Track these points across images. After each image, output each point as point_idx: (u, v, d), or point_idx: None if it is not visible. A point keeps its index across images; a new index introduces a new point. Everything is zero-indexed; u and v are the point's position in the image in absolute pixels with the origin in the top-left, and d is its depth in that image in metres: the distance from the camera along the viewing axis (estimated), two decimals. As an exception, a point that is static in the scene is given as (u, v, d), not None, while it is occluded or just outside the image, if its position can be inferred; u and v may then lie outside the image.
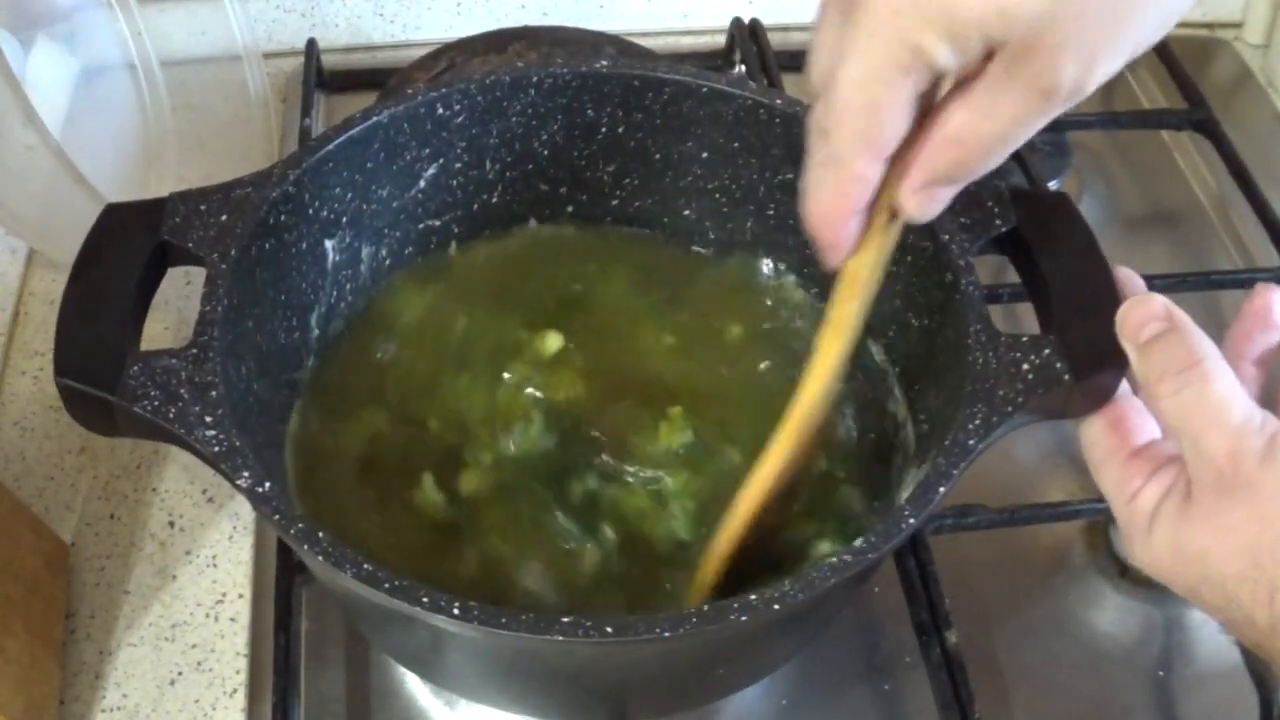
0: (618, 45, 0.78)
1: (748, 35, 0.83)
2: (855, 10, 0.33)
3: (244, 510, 0.60)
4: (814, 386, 0.44)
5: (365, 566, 0.40)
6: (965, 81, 0.35)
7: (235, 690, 0.54)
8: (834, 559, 0.40)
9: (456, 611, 0.39)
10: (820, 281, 0.58)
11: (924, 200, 0.37)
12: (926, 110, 0.35)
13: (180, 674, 0.55)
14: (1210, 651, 0.58)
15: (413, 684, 0.56)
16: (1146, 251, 0.77)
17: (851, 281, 0.41)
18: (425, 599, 0.39)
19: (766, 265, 0.60)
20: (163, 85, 0.76)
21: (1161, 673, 0.58)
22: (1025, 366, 0.45)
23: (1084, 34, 0.32)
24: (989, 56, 0.33)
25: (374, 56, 0.86)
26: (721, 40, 0.85)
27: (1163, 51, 0.83)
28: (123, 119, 0.75)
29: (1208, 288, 0.72)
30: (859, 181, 0.36)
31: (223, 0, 0.74)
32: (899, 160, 0.37)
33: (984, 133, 0.35)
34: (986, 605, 0.59)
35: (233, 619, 0.57)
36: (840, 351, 0.43)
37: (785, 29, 0.87)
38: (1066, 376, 0.45)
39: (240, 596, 0.58)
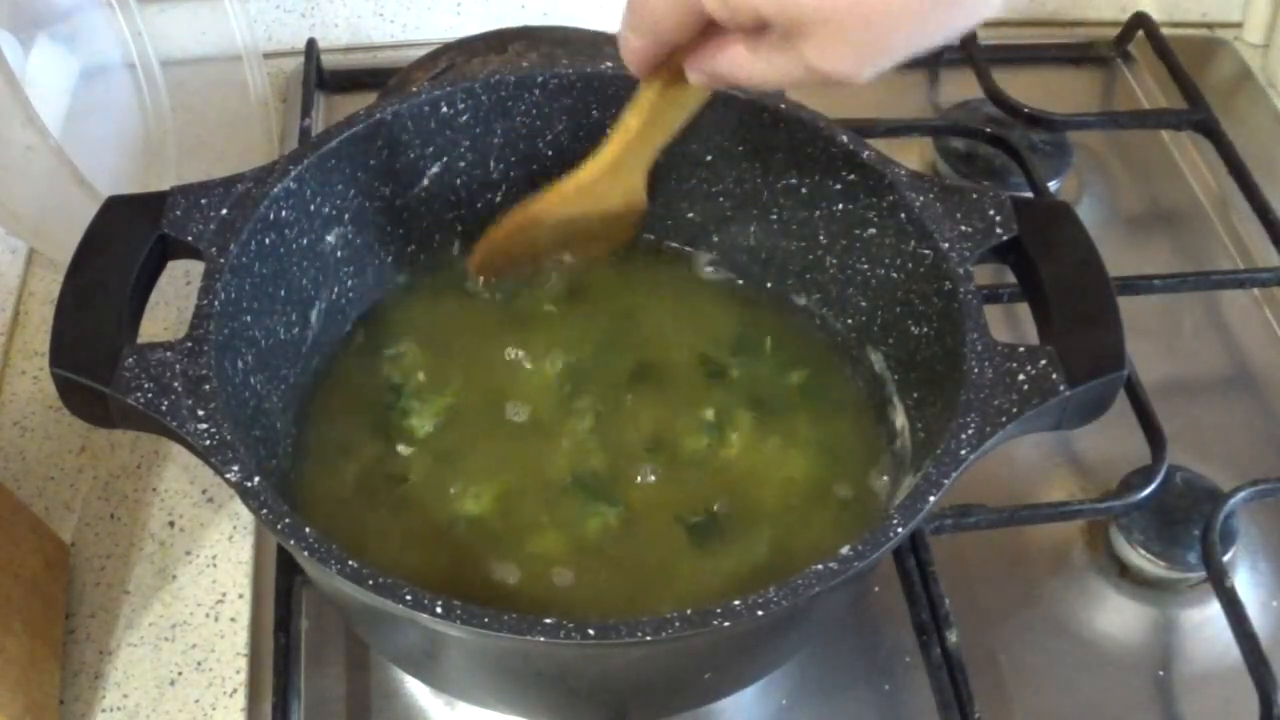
0: (618, 45, 0.77)
1: (748, 36, 0.82)
2: None
3: (244, 510, 0.60)
4: (594, 164, 0.51)
5: (350, 563, 0.40)
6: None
7: (235, 690, 0.54)
8: (819, 566, 0.40)
9: (439, 610, 0.39)
10: (822, 289, 0.58)
11: (700, 79, 0.42)
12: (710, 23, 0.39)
13: (180, 674, 0.55)
14: (1210, 651, 0.59)
15: (412, 684, 0.55)
16: (1146, 251, 0.77)
17: (638, 101, 0.48)
18: (409, 596, 0.39)
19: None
20: (163, 85, 0.76)
21: (1161, 673, 0.58)
22: (1021, 377, 0.45)
23: (855, 35, 0.36)
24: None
25: (374, 56, 0.86)
26: (721, 40, 0.85)
27: (1163, 51, 0.84)
28: (123, 119, 0.75)
29: (1208, 288, 0.72)
30: (645, 50, 0.42)
31: (223, 0, 0.74)
32: (697, 41, 0.41)
33: (754, 72, 0.39)
34: (986, 605, 0.59)
35: (233, 619, 0.57)
36: (618, 149, 0.51)
37: (785, 29, 0.87)
38: (1062, 387, 0.45)
39: (240, 596, 0.57)
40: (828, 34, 0.35)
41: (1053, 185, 0.76)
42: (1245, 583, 0.60)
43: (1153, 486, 0.59)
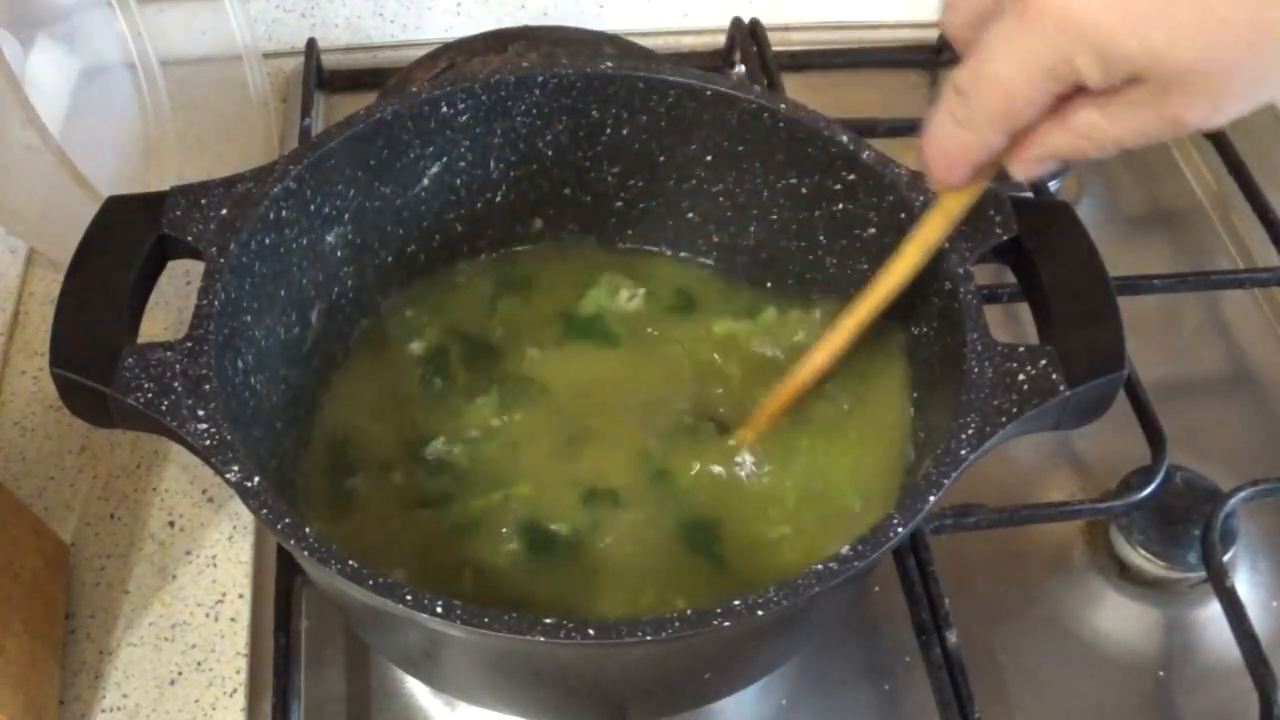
0: (618, 45, 0.78)
1: (748, 35, 0.83)
2: (1024, 6, 0.35)
3: (244, 510, 0.60)
4: (887, 284, 0.48)
5: (350, 563, 0.40)
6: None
7: (235, 690, 0.54)
8: (819, 566, 0.40)
9: (439, 610, 0.38)
10: (822, 289, 0.58)
11: (1031, 167, 0.41)
12: (1069, 92, 0.38)
13: (180, 674, 0.55)
14: (1210, 651, 0.59)
15: (412, 684, 0.55)
16: (1146, 251, 0.77)
17: (945, 212, 0.46)
18: (409, 596, 0.39)
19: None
20: (163, 85, 0.76)
21: (1161, 673, 0.58)
22: (1021, 377, 0.45)
23: (1223, 84, 0.35)
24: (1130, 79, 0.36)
25: (374, 56, 0.86)
26: (721, 40, 0.85)
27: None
28: (123, 119, 0.75)
29: (1208, 288, 0.72)
30: (984, 148, 0.40)
31: (223, 0, 0.74)
32: (1021, 131, 0.39)
33: (1107, 135, 0.38)
34: (986, 605, 0.59)
35: (233, 619, 0.57)
36: (916, 264, 0.47)
37: (785, 29, 0.87)
38: (1062, 388, 0.45)
39: (240, 596, 0.57)
40: (1201, 82, 0.35)
41: (1053, 185, 0.76)
42: (1245, 583, 0.60)
43: (1153, 486, 0.59)
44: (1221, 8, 0.33)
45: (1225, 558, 0.58)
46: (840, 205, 0.55)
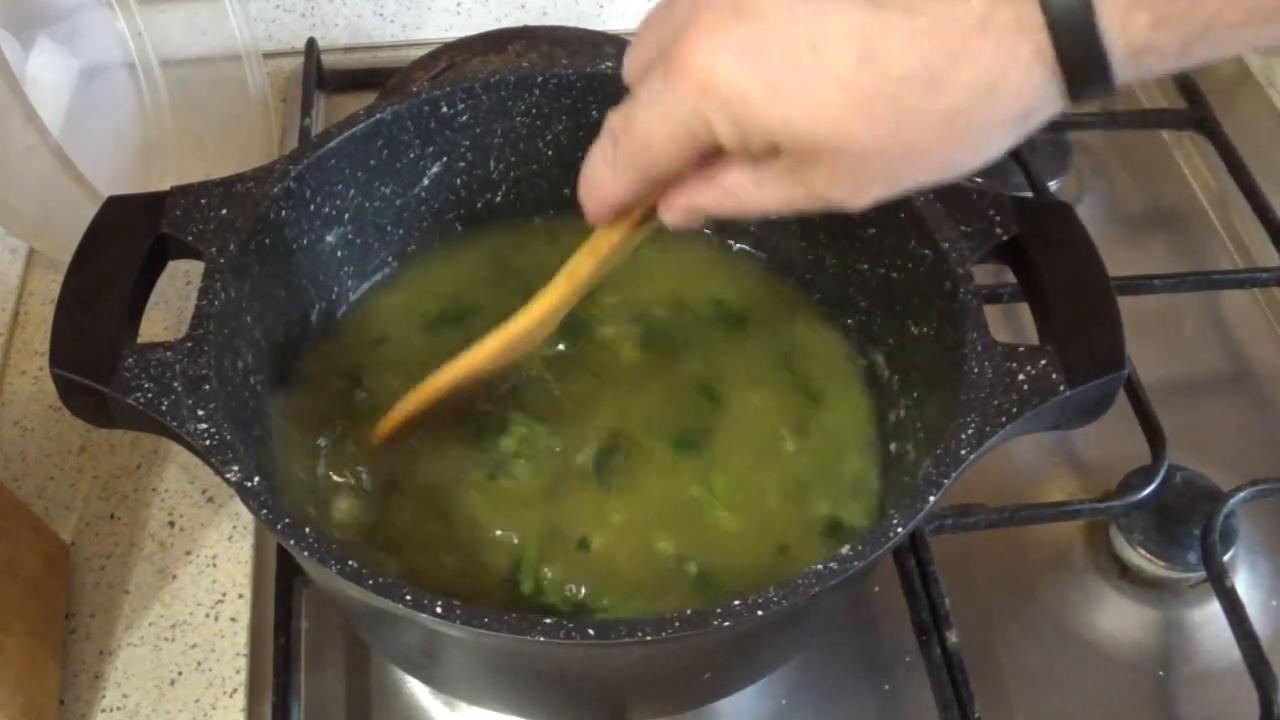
0: (617, 45, 0.78)
1: (748, 35, 0.83)
2: (671, 65, 0.35)
3: (244, 510, 0.60)
4: (533, 313, 0.47)
5: (350, 563, 0.40)
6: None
7: (235, 690, 0.54)
8: (819, 566, 0.40)
9: (439, 610, 0.39)
10: (822, 289, 0.58)
11: (678, 216, 0.40)
12: (715, 150, 0.37)
13: (180, 674, 0.55)
14: (1210, 651, 0.59)
15: (412, 684, 0.56)
16: (1146, 251, 0.77)
17: (595, 246, 0.45)
18: (409, 596, 0.39)
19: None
20: (163, 85, 0.76)
21: (1161, 673, 0.58)
22: (1021, 377, 0.45)
23: (861, 167, 0.35)
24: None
25: (374, 56, 0.86)
26: (721, 40, 0.85)
27: (1163, 52, 0.83)
28: (122, 118, 0.75)
29: (1208, 288, 0.72)
30: (625, 190, 0.39)
31: (223, 0, 0.74)
32: (675, 179, 0.39)
33: (753, 199, 0.37)
34: (986, 605, 0.59)
35: (233, 619, 0.57)
36: (564, 295, 0.46)
37: (785, 29, 0.87)
38: (1062, 387, 0.45)
39: (240, 596, 0.57)
40: (840, 162, 0.34)
41: (1053, 185, 0.76)
42: (1245, 583, 0.60)
43: (1153, 486, 0.59)
44: (864, 90, 0.32)
45: (1225, 558, 0.58)
46: (840, 205, 0.55)
